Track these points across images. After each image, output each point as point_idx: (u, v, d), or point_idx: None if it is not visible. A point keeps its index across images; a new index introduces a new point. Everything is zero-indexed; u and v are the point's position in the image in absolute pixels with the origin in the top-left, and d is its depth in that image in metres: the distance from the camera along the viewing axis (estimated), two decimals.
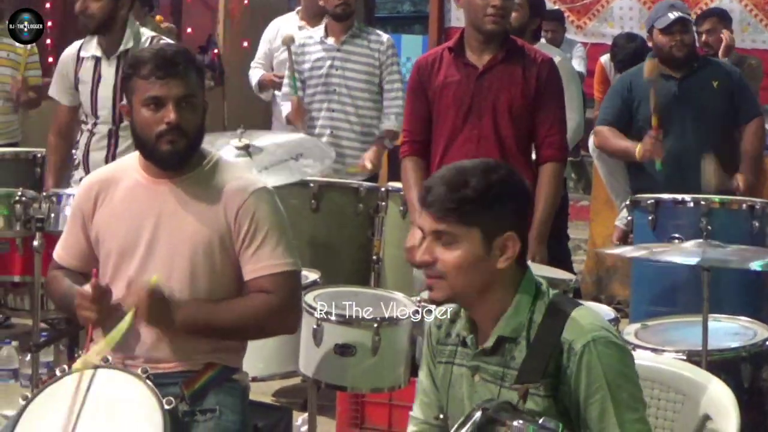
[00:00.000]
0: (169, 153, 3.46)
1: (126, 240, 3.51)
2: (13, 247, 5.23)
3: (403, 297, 4.41)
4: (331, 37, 6.60)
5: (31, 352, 4.95)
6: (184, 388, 3.39)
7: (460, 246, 2.73)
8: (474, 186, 2.72)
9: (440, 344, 2.97)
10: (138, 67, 3.47)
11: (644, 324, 4.26)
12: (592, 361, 2.68)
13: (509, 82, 4.87)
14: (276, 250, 3.50)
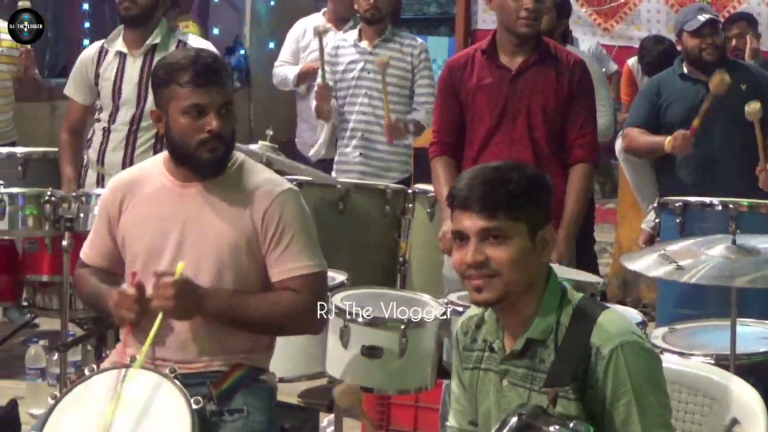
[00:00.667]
0: (210, 160, 3.48)
1: (153, 243, 3.54)
2: (42, 246, 5.26)
3: (430, 299, 4.42)
4: (365, 41, 6.62)
5: (59, 352, 4.97)
6: (212, 388, 3.41)
7: (512, 241, 2.74)
8: (517, 181, 2.75)
9: (467, 350, 2.97)
10: (176, 74, 3.46)
11: (672, 327, 4.25)
12: (619, 366, 2.68)
13: (543, 85, 4.87)
14: (302, 251, 3.52)
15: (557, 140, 4.91)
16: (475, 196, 2.73)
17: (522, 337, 2.80)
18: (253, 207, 3.51)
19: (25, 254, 5.30)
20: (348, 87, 6.64)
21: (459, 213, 2.76)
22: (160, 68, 3.59)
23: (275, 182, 3.61)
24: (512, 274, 2.75)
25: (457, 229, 2.77)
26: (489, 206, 2.73)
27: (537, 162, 4.79)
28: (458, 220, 2.77)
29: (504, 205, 2.73)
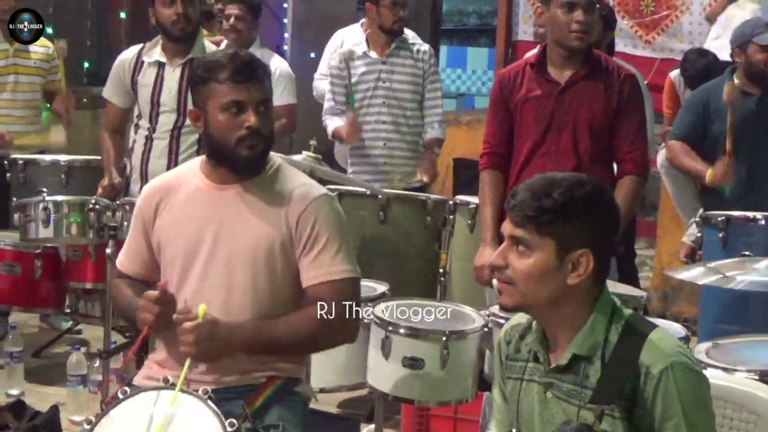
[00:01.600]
0: (248, 157, 3.48)
1: (188, 245, 3.53)
2: (85, 254, 5.29)
3: (471, 311, 4.41)
4: (374, 51, 6.62)
5: (101, 359, 5.00)
6: (247, 407, 3.38)
7: (533, 255, 2.75)
8: (555, 197, 2.74)
9: (510, 360, 2.97)
10: (215, 71, 3.46)
11: (715, 343, 4.21)
12: (669, 387, 2.68)
13: (591, 98, 4.84)
14: (336, 257, 3.50)
15: (604, 153, 4.89)
16: (514, 202, 2.77)
17: (568, 352, 2.79)
18: (289, 210, 3.50)
19: (69, 262, 5.33)
20: (363, 98, 6.64)
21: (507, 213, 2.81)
22: (198, 67, 3.59)
23: (311, 186, 3.61)
24: (527, 286, 2.77)
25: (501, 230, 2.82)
26: (519, 215, 2.76)
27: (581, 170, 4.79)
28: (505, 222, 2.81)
29: (532, 219, 2.74)
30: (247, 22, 6.98)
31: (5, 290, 5.06)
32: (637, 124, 4.90)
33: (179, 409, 3.25)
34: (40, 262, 5.06)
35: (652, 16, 10.11)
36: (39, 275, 5.07)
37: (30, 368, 6.35)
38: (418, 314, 4.30)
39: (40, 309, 5.39)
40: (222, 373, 3.46)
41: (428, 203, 5.88)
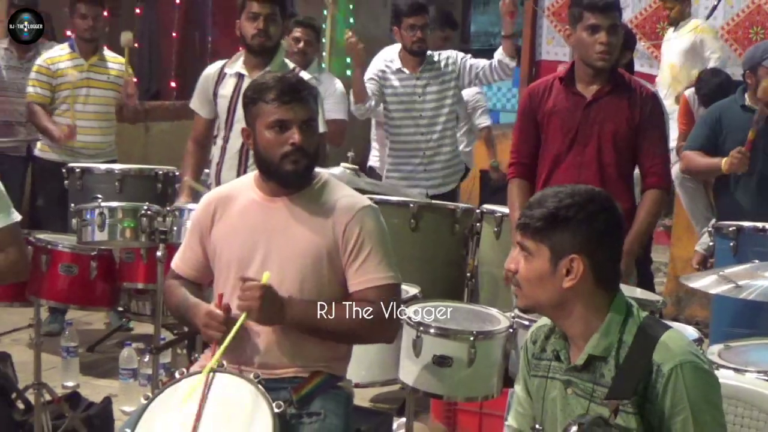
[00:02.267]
0: (292, 172, 3.51)
1: (242, 253, 3.56)
2: (138, 256, 5.29)
3: (497, 312, 4.39)
4: (407, 68, 6.62)
5: (151, 354, 5.01)
6: (293, 393, 3.42)
7: (533, 260, 2.80)
8: (547, 206, 2.78)
9: (535, 359, 2.97)
10: (263, 93, 3.52)
11: (727, 345, 4.18)
12: (678, 384, 2.68)
13: (615, 113, 4.84)
14: (380, 264, 3.53)
15: (626, 165, 4.89)
16: (528, 212, 2.81)
17: (584, 353, 2.79)
18: (335, 221, 3.53)
19: (122, 263, 5.34)
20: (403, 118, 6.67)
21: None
22: (249, 89, 3.65)
23: (356, 199, 3.63)
24: (529, 290, 2.84)
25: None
26: (522, 224, 2.82)
27: (603, 185, 4.78)
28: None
29: (527, 227, 2.80)
30: (311, 45, 7.02)
31: (63, 290, 5.07)
32: (658, 139, 4.90)
33: (232, 390, 3.32)
34: (96, 264, 5.07)
35: None
36: (94, 276, 5.08)
37: (85, 362, 6.41)
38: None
39: (95, 307, 5.41)
40: (272, 365, 3.50)
41: (457, 212, 5.87)
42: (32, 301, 5.16)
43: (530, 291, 2.83)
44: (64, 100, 6.98)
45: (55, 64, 7.00)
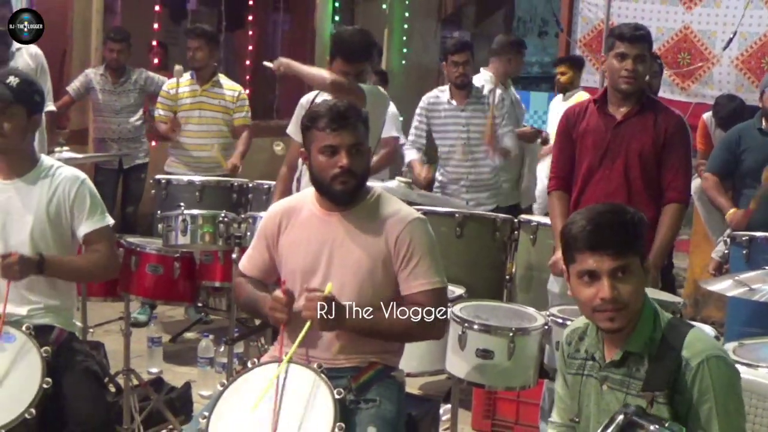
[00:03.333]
0: (341, 192, 3.51)
1: (306, 262, 3.57)
2: (215, 258, 5.33)
3: (534, 311, 4.37)
4: (455, 100, 6.62)
5: (226, 345, 5.04)
6: (352, 382, 3.43)
7: (634, 274, 2.74)
8: (633, 221, 2.75)
9: (571, 358, 2.97)
10: (316, 121, 3.51)
11: (741, 343, 4.14)
12: (705, 375, 2.67)
13: (641, 132, 4.82)
14: (428, 270, 3.52)
15: (650, 180, 4.85)
16: (605, 240, 2.72)
17: (621, 350, 2.78)
18: (388, 232, 3.52)
19: (202, 264, 5.38)
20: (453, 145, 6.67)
21: (587, 254, 2.72)
22: (305, 116, 3.63)
23: (406, 212, 3.61)
24: (636, 303, 2.77)
25: (588, 269, 2.73)
26: (619, 247, 2.72)
27: (630, 196, 4.77)
28: (587, 261, 2.72)
29: (631, 245, 2.73)
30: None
31: (150, 287, 5.10)
32: (681, 158, 4.85)
33: (298, 379, 3.34)
34: (179, 264, 5.10)
35: (688, 67, 10.01)
36: (177, 275, 5.10)
37: (167, 351, 6.46)
38: (489, 313, 4.29)
39: (178, 302, 5.45)
40: (334, 357, 3.51)
41: (497, 221, 5.84)
42: (122, 296, 5.20)
43: (636, 304, 2.77)
44: (181, 121, 7.07)
45: (174, 89, 7.10)
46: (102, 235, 4.04)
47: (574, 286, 2.80)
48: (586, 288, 2.74)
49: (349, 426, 3.26)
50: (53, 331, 3.90)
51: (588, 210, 2.84)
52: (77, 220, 4.00)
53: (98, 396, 3.86)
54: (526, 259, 5.75)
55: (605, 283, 2.70)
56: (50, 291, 3.96)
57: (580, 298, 2.78)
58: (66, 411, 3.70)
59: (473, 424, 5.56)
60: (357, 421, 3.33)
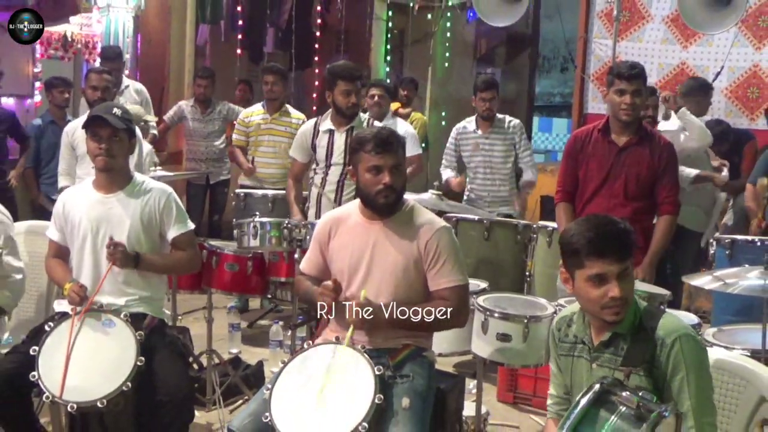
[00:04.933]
0: (384, 204, 3.54)
1: (351, 262, 3.58)
2: (281, 258, 5.34)
3: (545, 302, 4.36)
4: (480, 129, 6.59)
5: (290, 329, 5.06)
6: (390, 360, 3.44)
7: (630, 274, 2.72)
8: (628, 231, 2.73)
9: (560, 342, 2.96)
10: (363, 144, 3.54)
11: (720, 328, 4.11)
12: (677, 351, 2.65)
13: (639, 159, 4.81)
14: (453, 270, 3.52)
15: (645, 196, 4.84)
16: (612, 248, 2.68)
17: (609, 332, 2.77)
18: (419, 238, 3.53)
19: (270, 263, 5.39)
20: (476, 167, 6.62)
21: (596, 260, 2.68)
22: (354, 141, 3.66)
23: (434, 221, 3.61)
24: (632, 299, 2.75)
25: (598, 273, 2.68)
26: (624, 253, 2.70)
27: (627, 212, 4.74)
28: (597, 266, 2.68)
29: (628, 251, 2.71)
30: (385, 100, 7.05)
31: (228, 282, 5.11)
32: (672, 178, 4.85)
33: (345, 357, 3.37)
34: (251, 263, 5.12)
35: None
36: (250, 271, 5.11)
37: (245, 335, 6.49)
38: (508, 303, 4.29)
39: (251, 295, 5.46)
40: (374, 340, 3.52)
41: (518, 226, 5.87)
42: (205, 290, 5.23)
43: (632, 300, 2.75)
44: (251, 145, 7.11)
45: (249, 118, 7.13)
46: (186, 237, 4.09)
47: (581, 287, 2.74)
48: (594, 289, 2.70)
49: (387, 397, 3.26)
50: (146, 318, 3.94)
51: (587, 222, 2.78)
52: (166, 225, 4.04)
53: (182, 371, 3.89)
54: (542, 258, 5.76)
55: (615, 285, 2.67)
56: (144, 285, 4.01)
57: (588, 297, 2.73)
58: (156, 384, 3.73)
59: (498, 396, 5.54)
60: (394, 393, 3.33)
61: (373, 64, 11.56)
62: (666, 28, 9.94)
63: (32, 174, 7.34)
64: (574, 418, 2.34)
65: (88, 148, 4.01)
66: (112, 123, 3.92)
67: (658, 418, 2.32)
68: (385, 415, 3.25)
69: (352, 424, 3.14)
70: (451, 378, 3.79)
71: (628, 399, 2.38)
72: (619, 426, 2.31)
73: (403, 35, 12.29)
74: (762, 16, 9.45)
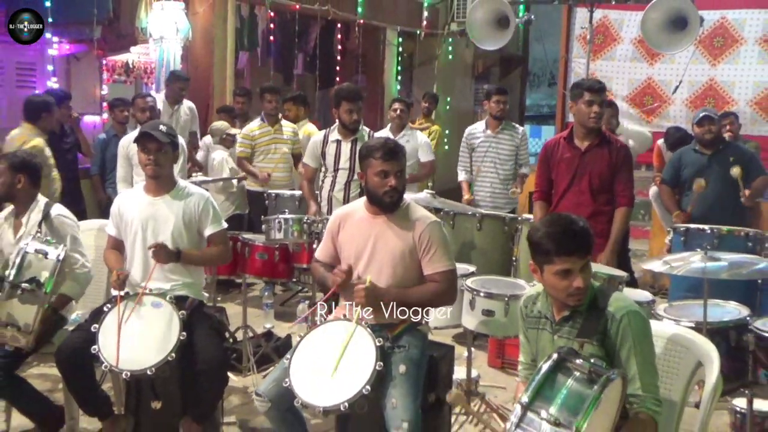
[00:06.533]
0: (389, 203, 3.56)
1: (356, 251, 3.60)
2: (303, 248, 5.36)
3: (524, 282, 4.38)
4: (489, 129, 6.59)
5: (310, 307, 5.07)
6: (389, 333, 3.44)
7: (589, 266, 2.72)
8: (587, 229, 2.71)
9: (527, 317, 2.96)
10: (372, 152, 3.56)
11: (671, 304, 4.11)
12: (625, 325, 2.65)
13: (599, 160, 4.80)
14: (442, 257, 3.52)
15: (606, 191, 4.83)
16: (576, 247, 2.66)
17: (568, 310, 2.77)
18: (414, 230, 3.54)
19: (294, 252, 5.40)
20: (481, 158, 6.60)
21: (564, 258, 2.65)
22: (363, 148, 3.67)
23: (427, 217, 3.62)
24: (589, 286, 2.73)
25: (565, 269, 2.66)
26: (586, 249, 2.69)
27: (593, 203, 4.73)
28: (564, 263, 2.66)
29: (589, 248, 2.70)
30: (405, 113, 7.04)
31: (258, 268, 5.13)
32: (627, 175, 4.84)
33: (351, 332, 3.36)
34: (278, 252, 5.14)
35: (651, 106, 9.85)
36: (277, 259, 5.13)
37: (277, 312, 6.50)
38: (492, 284, 4.30)
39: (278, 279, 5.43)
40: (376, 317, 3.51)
41: (506, 218, 5.88)
42: (240, 275, 5.26)
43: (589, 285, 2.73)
44: (260, 154, 7.05)
45: (252, 132, 7.05)
46: (220, 235, 4.10)
47: (549, 278, 2.71)
48: (561, 281, 2.68)
49: (386, 364, 3.29)
50: (187, 299, 3.97)
51: (554, 224, 2.72)
52: (203, 224, 4.06)
53: (218, 344, 3.91)
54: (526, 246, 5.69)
55: (579, 277, 2.66)
56: (185, 273, 4.03)
57: (556, 287, 2.70)
58: (195, 354, 3.76)
59: (489, 361, 5.53)
60: (392, 361, 3.35)
61: (386, 82, 11.57)
62: (634, 49, 9.90)
63: (99, 179, 7.40)
64: (537, 382, 2.35)
65: (139, 159, 4.05)
66: (159, 138, 3.95)
67: (606, 381, 2.32)
68: (385, 380, 3.26)
69: (357, 387, 3.16)
70: (442, 347, 3.80)
71: (581, 365, 2.38)
72: (574, 387, 2.32)
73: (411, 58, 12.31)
74: (717, 37, 9.40)
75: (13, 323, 3.79)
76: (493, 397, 4.76)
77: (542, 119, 16.86)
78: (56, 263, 3.86)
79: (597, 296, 2.73)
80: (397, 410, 3.18)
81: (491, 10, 7.05)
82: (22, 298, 3.78)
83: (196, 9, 8.76)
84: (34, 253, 3.85)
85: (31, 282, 3.79)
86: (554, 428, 2.20)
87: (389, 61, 11.59)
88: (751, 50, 9.22)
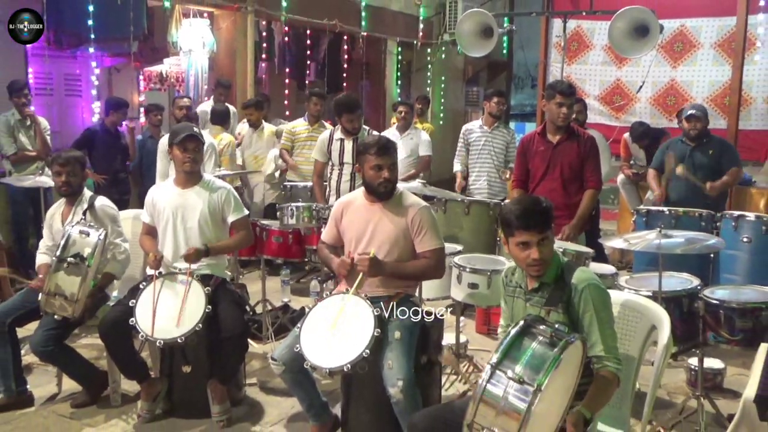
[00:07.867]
0: (384, 192, 3.56)
1: (358, 233, 3.60)
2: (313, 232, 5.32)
3: (504, 259, 4.36)
4: (486, 126, 6.59)
5: (320, 283, 5.08)
6: (385, 304, 3.44)
7: (549, 240, 2.69)
8: (547, 208, 2.69)
9: (506, 285, 2.95)
10: (368, 149, 3.55)
11: (632, 276, 4.11)
12: (586, 295, 2.64)
13: (569, 151, 4.78)
14: (432, 237, 3.53)
15: (576, 178, 4.81)
16: (534, 221, 2.65)
17: (538, 282, 2.77)
18: (407, 215, 3.54)
19: (305, 235, 5.36)
20: (479, 153, 6.60)
21: (523, 231, 2.64)
22: (360, 146, 3.67)
23: (418, 202, 3.62)
24: (550, 257, 2.72)
25: (523, 241, 2.66)
26: (545, 224, 2.67)
27: (565, 189, 4.72)
28: (523, 235, 2.65)
29: (547, 224, 2.68)
30: (409, 115, 7.04)
31: (275, 249, 5.11)
32: (594, 162, 4.81)
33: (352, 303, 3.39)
34: (291, 236, 5.12)
35: (619, 104, 9.78)
36: (291, 242, 5.13)
37: (293, 288, 6.52)
38: (477, 261, 4.30)
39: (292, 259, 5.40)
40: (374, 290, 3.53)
41: (490, 204, 5.84)
42: (258, 256, 5.26)
43: (550, 259, 2.70)
44: (298, 148, 7.02)
45: (294, 128, 7.05)
46: (242, 221, 4.13)
47: (513, 250, 2.72)
48: (521, 252, 2.68)
49: (383, 331, 3.31)
50: (212, 278, 3.99)
51: (519, 202, 2.74)
52: (226, 212, 4.08)
53: (239, 316, 3.93)
54: None
55: (534, 250, 2.65)
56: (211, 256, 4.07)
57: (517, 257, 2.71)
58: (219, 325, 3.80)
59: (476, 328, 5.54)
60: (388, 328, 3.36)
61: (387, 87, 11.55)
62: (605, 54, 9.83)
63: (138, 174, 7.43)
64: (505, 345, 2.36)
65: (176, 157, 4.03)
66: (199, 138, 3.99)
67: (566, 344, 2.32)
68: (383, 344, 3.28)
69: (358, 351, 3.19)
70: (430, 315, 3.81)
71: (544, 331, 2.38)
72: (538, 350, 2.33)
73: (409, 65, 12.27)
74: (677, 42, 9.32)
75: (60, 293, 3.83)
76: (479, 359, 4.78)
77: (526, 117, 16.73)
78: (97, 241, 3.90)
79: (564, 270, 2.73)
80: (393, 370, 3.20)
81: (477, 22, 7.09)
82: (67, 270, 3.82)
83: (220, 24, 8.78)
84: (78, 234, 3.90)
85: (76, 257, 3.82)
86: (519, 385, 2.22)
87: (390, 68, 11.56)
88: (707, 54, 9.15)
